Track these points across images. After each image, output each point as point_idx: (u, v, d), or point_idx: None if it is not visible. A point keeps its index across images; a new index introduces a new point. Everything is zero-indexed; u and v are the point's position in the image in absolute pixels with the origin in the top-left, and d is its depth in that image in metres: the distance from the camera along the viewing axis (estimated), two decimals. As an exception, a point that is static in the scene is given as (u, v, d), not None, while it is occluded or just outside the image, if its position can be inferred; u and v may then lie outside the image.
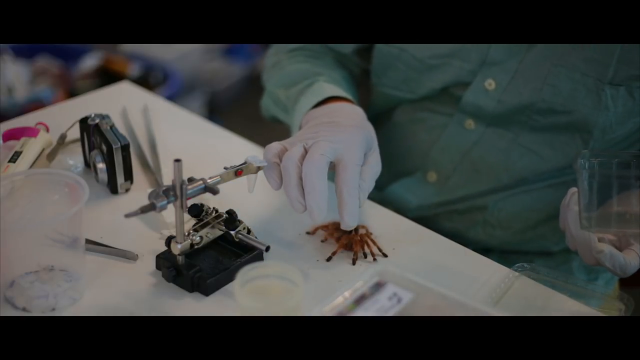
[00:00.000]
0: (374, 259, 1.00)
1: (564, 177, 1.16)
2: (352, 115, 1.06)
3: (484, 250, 1.20)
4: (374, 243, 1.02)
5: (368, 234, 1.03)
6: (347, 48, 1.26)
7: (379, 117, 1.29)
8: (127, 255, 0.99)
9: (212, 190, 0.93)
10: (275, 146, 0.98)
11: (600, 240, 0.96)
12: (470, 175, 1.21)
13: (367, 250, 1.01)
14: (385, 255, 1.01)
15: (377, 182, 1.27)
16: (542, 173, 1.16)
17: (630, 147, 1.15)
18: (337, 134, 0.98)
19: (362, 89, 1.31)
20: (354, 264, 0.99)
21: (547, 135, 1.14)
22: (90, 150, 1.13)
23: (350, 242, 1.01)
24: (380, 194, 1.27)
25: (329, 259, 1.00)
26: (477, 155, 1.19)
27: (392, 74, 1.22)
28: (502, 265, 1.02)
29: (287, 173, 0.94)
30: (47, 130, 1.18)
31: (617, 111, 1.09)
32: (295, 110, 1.14)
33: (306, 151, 0.96)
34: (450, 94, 1.19)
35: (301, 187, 0.94)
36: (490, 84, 1.14)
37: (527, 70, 1.12)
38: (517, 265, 1.01)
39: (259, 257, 0.99)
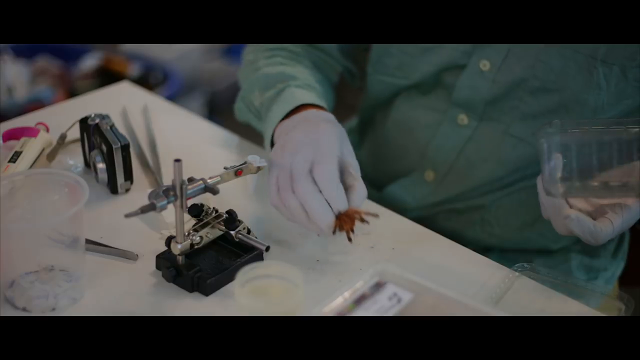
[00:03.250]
0: (366, 222, 0.97)
1: None
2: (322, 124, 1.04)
3: (484, 249, 1.20)
4: (359, 212, 0.97)
5: (354, 211, 0.97)
6: (334, 46, 1.25)
7: (374, 118, 1.30)
8: (127, 255, 0.99)
9: (212, 190, 0.93)
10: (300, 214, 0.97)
11: (572, 207, 0.95)
12: (466, 172, 1.21)
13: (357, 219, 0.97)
14: (376, 216, 0.97)
15: (375, 182, 1.29)
16: (535, 162, 1.16)
17: None
18: (313, 147, 0.98)
19: (355, 91, 1.32)
20: (350, 240, 0.96)
21: (537, 122, 1.13)
22: (90, 150, 1.13)
23: (341, 222, 0.97)
24: (378, 195, 1.27)
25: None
26: (471, 151, 1.19)
27: (386, 61, 1.23)
28: (502, 265, 1.02)
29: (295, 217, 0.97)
30: (47, 130, 1.18)
31: (610, 91, 1.09)
32: (266, 121, 1.11)
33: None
34: (444, 84, 1.19)
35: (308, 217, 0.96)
36: (484, 64, 1.14)
37: (519, 48, 1.12)
38: (517, 265, 1.01)
39: (259, 257, 0.99)
